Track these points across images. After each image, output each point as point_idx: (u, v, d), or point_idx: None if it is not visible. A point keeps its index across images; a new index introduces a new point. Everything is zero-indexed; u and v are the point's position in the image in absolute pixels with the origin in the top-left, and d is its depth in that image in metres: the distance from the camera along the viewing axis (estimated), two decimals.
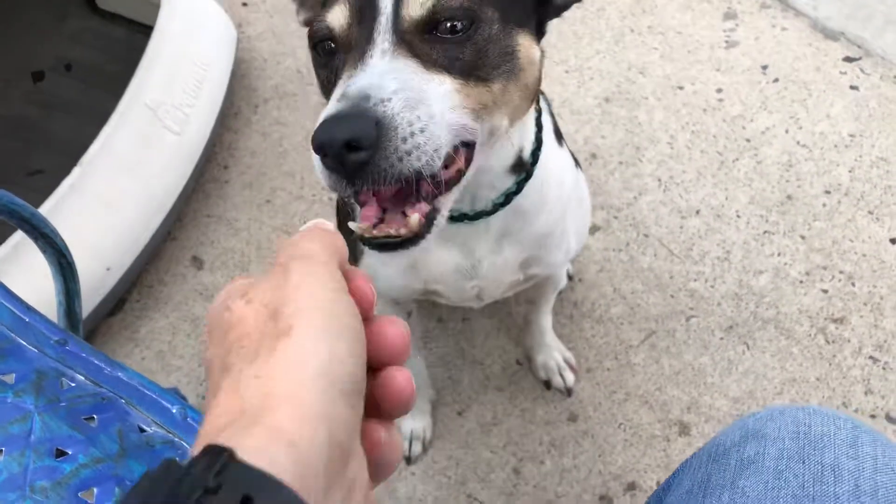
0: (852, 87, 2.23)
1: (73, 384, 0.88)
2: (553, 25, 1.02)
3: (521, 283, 1.32)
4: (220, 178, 2.14)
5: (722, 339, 1.86)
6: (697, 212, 2.03)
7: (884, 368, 1.81)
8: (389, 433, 0.51)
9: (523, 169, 1.04)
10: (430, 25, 0.82)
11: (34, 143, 2.16)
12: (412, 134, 0.74)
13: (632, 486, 1.69)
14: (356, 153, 0.72)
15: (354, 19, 0.83)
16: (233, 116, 2.25)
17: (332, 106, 0.75)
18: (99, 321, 1.87)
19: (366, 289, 0.53)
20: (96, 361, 0.92)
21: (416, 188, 0.79)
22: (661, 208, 2.04)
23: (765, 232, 2.00)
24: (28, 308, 0.94)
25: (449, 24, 0.82)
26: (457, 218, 1.05)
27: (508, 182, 1.04)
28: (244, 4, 2.49)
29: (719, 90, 2.24)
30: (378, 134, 0.72)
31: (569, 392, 1.79)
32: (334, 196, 2.00)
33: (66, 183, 1.74)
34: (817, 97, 2.22)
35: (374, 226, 0.81)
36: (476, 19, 0.83)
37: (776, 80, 2.26)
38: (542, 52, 0.94)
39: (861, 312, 1.88)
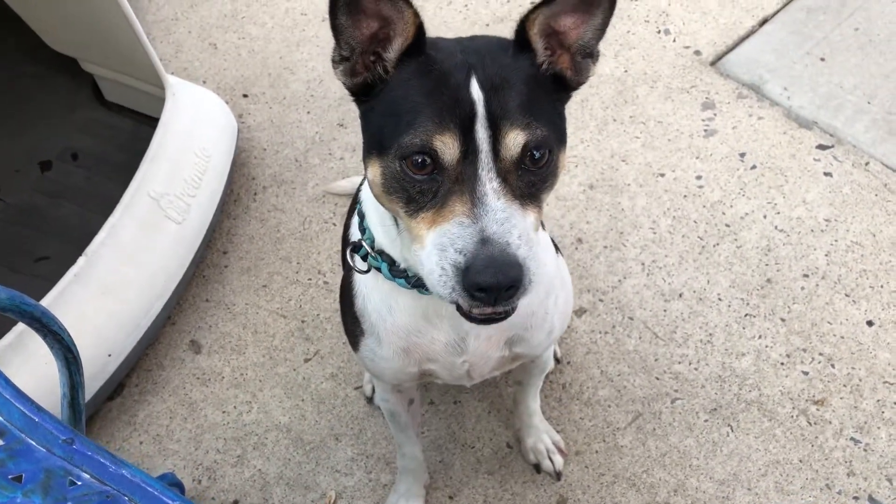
0: (826, 174, 2.33)
1: (79, 483, 0.93)
2: None
3: (509, 362, 1.41)
4: (220, 264, 2.21)
5: (706, 420, 1.90)
6: (680, 295, 2.10)
7: (865, 450, 1.85)
8: None
9: None
10: (521, 160, 1.00)
11: (41, 230, 2.24)
12: (536, 269, 0.97)
13: None
14: (509, 291, 0.95)
15: (461, 154, 0.98)
16: (232, 203, 2.34)
17: (475, 247, 0.95)
18: (99, 405, 1.91)
19: None
20: (101, 460, 0.97)
21: None
22: (645, 291, 2.11)
23: (746, 315, 2.07)
24: (38, 408, 0.99)
25: (532, 155, 1.00)
26: None
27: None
28: (244, 96, 2.61)
29: (699, 177, 2.34)
30: (522, 275, 0.95)
31: (558, 476, 1.82)
32: (339, 273, 2.07)
33: (72, 272, 1.81)
34: (793, 183, 2.32)
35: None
36: (550, 149, 1.02)
37: (754, 167, 2.36)
38: None
39: (841, 394, 1.93)
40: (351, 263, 1.23)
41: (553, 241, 1.43)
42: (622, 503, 1.80)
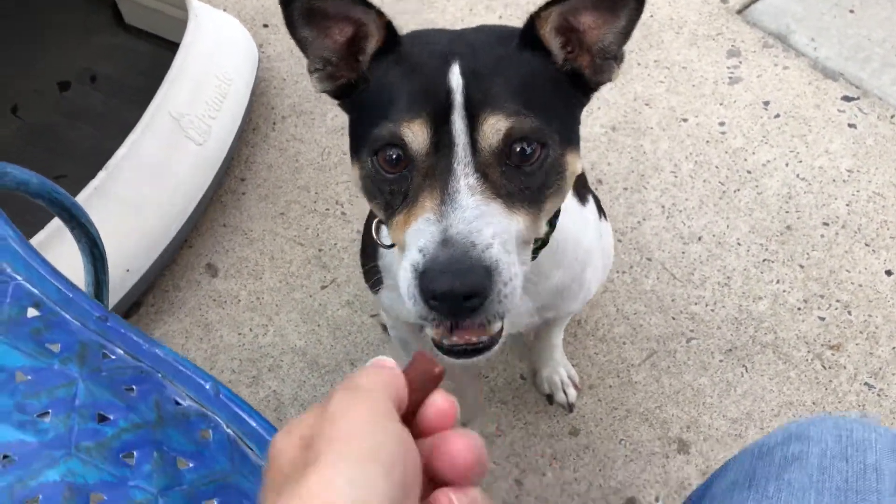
0: (850, 125, 2.31)
1: (113, 357, 0.93)
2: None
3: (538, 323, 1.37)
4: (237, 190, 2.20)
5: (721, 361, 1.91)
6: (699, 238, 2.10)
7: (878, 395, 1.85)
8: (466, 497, 0.51)
9: (538, 239, 1.04)
10: (505, 153, 0.86)
11: (58, 150, 2.22)
12: (511, 278, 0.81)
13: (631, 501, 1.73)
14: (471, 301, 0.79)
15: (433, 146, 0.85)
16: (251, 132, 2.32)
17: (435, 248, 0.80)
18: None
19: (443, 407, 0.55)
20: (135, 338, 0.97)
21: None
22: (664, 233, 2.10)
23: (764, 260, 2.06)
24: (72, 286, 0.99)
25: (520, 148, 0.86)
26: None
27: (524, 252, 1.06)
28: (265, 26, 2.58)
29: (722, 123, 2.32)
30: (491, 281, 0.79)
31: (570, 407, 1.83)
32: (365, 213, 2.06)
33: (92, 185, 1.80)
34: (817, 133, 2.30)
35: (451, 332, 0.87)
36: (545, 142, 0.87)
37: (777, 116, 2.34)
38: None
39: (857, 340, 1.93)
40: (375, 237, 1.15)
41: (599, 203, 1.32)
42: (634, 436, 1.80)
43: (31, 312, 0.93)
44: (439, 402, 0.55)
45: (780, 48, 2.50)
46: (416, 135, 0.86)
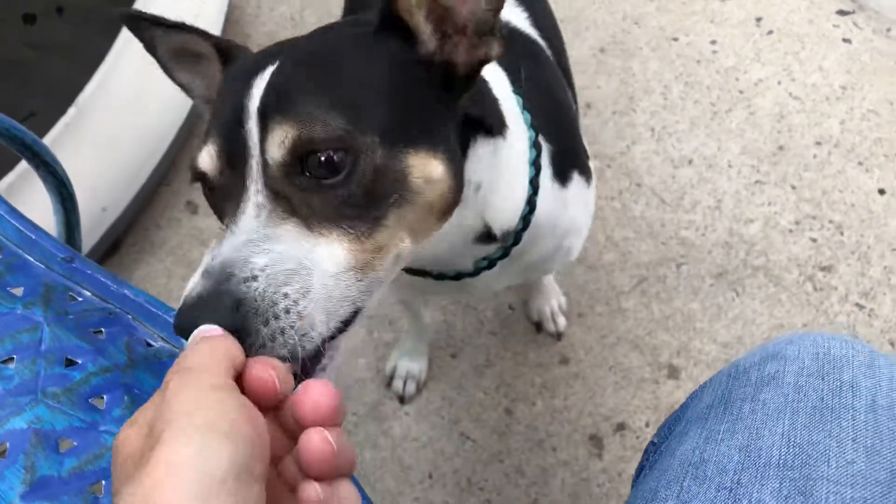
0: (845, 41, 2.24)
1: (80, 299, 0.90)
2: None
3: (520, 283, 1.32)
4: None
5: (712, 285, 1.89)
6: (690, 161, 2.05)
7: (869, 315, 1.84)
8: (331, 489, 0.52)
9: (495, 240, 0.95)
10: (298, 167, 0.70)
11: (27, 86, 2.14)
12: (276, 316, 0.65)
13: (621, 427, 1.73)
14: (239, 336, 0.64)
15: (225, 163, 0.73)
16: None
17: (195, 281, 0.67)
18: (96, 262, 1.88)
19: (263, 376, 0.55)
20: (102, 279, 0.93)
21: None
22: (653, 158, 2.06)
23: (756, 182, 2.02)
24: (34, 226, 0.95)
25: (319, 159, 0.70)
26: (455, 277, 1.01)
27: (489, 249, 0.96)
28: None
29: (713, 42, 2.25)
30: (241, 317, 0.64)
31: (559, 336, 1.82)
32: None
33: (62, 122, 1.74)
34: (810, 50, 2.23)
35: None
36: (352, 149, 0.70)
37: (770, 33, 2.26)
38: (449, 160, 0.77)
39: (849, 261, 1.91)
40: None
41: (589, 168, 1.18)
42: (624, 363, 1.80)
43: None
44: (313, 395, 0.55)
45: None
46: (206, 157, 0.74)
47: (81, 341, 0.85)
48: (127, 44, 1.84)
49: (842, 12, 2.29)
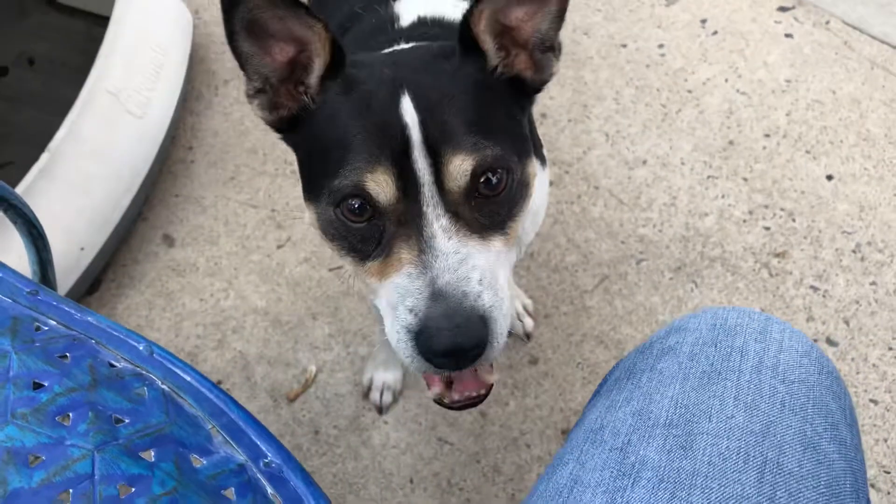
0: (787, 35, 2.33)
1: (45, 328, 0.97)
2: None
3: None
4: (186, 159, 2.22)
5: (671, 279, 1.96)
6: (644, 162, 2.13)
7: (823, 296, 1.91)
8: None
9: None
10: (472, 189, 0.84)
11: (2, 136, 2.22)
12: (503, 319, 0.82)
13: None
14: (473, 351, 0.79)
15: (401, 192, 0.83)
16: (194, 99, 2.32)
17: (426, 305, 0.78)
18: (77, 300, 1.95)
19: None
20: (67, 308, 1.00)
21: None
22: (609, 161, 2.14)
23: (709, 177, 2.10)
24: (0, 264, 1.02)
25: (486, 180, 0.84)
26: None
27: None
28: None
29: (661, 46, 2.34)
30: (487, 330, 0.79)
31: (528, 337, 1.89)
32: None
33: (36, 168, 1.81)
34: (754, 46, 2.32)
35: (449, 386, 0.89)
36: (508, 168, 0.86)
37: (715, 33, 2.35)
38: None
39: (801, 246, 1.99)
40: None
41: (542, 152, 1.34)
42: (591, 359, 1.87)
43: None
44: None
45: None
46: (381, 184, 0.83)
47: (47, 366, 0.92)
48: (93, 90, 1.91)
49: (783, 8, 2.38)
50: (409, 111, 0.84)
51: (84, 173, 1.89)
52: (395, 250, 0.85)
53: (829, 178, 2.08)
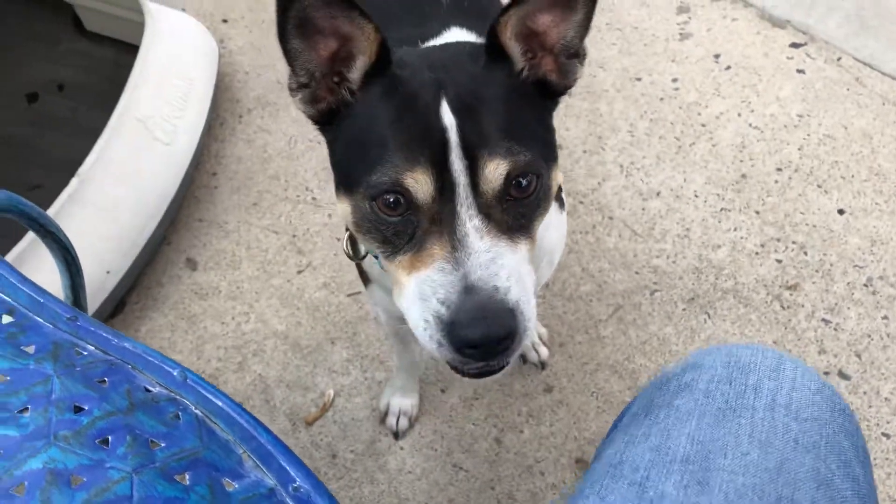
0: (799, 71, 2.37)
1: (85, 353, 1.01)
2: None
3: None
4: (210, 185, 2.27)
5: (684, 310, 1.99)
6: (658, 194, 2.17)
7: (835, 329, 1.94)
8: None
9: None
10: (505, 192, 0.89)
11: (31, 160, 2.28)
12: (531, 315, 0.87)
13: None
14: (503, 343, 0.84)
15: (438, 191, 0.87)
16: (218, 126, 2.38)
17: (458, 298, 0.84)
18: (102, 321, 1.99)
19: None
20: (105, 334, 1.04)
21: None
22: (623, 192, 2.18)
23: (721, 209, 2.14)
24: (42, 291, 1.06)
25: (517, 183, 0.89)
26: None
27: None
28: (224, 21, 2.63)
29: (675, 80, 2.38)
30: (516, 321, 0.84)
31: (543, 365, 1.92)
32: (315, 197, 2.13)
33: (66, 193, 1.86)
34: (767, 81, 2.36)
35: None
36: (539, 173, 0.91)
37: (728, 68, 2.40)
38: None
39: (813, 279, 2.01)
40: (346, 250, 1.19)
41: (562, 196, 1.39)
42: (605, 388, 1.89)
43: (6, 319, 1.01)
44: None
45: (729, 0, 2.55)
46: (420, 183, 0.87)
47: (87, 390, 0.96)
48: (122, 117, 1.97)
49: (795, 45, 2.43)
50: (447, 115, 0.88)
51: (112, 198, 1.94)
52: (428, 246, 0.89)
53: (841, 212, 2.11)
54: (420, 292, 0.89)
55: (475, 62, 0.96)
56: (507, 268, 0.87)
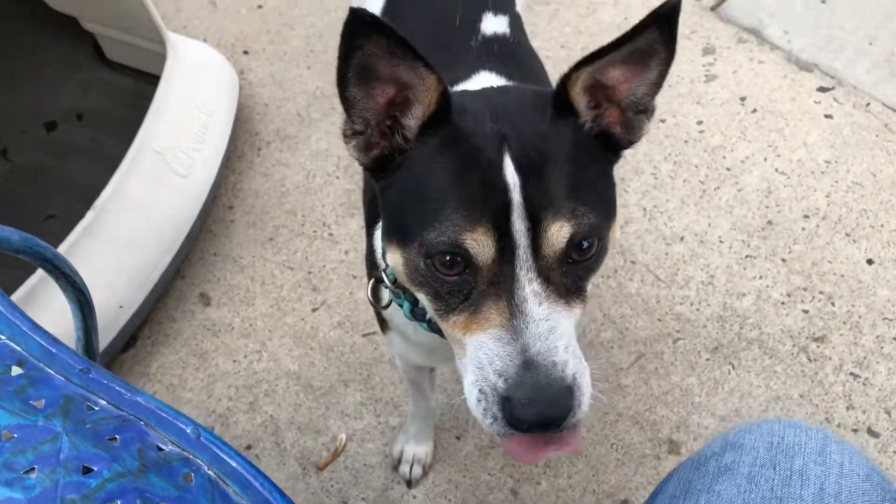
0: (827, 116, 2.33)
1: (96, 408, 0.97)
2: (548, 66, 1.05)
3: None
4: (226, 218, 2.24)
5: (708, 359, 1.94)
6: (682, 238, 2.12)
7: (864, 384, 1.88)
8: None
9: None
10: (567, 255, 0.85)
11: (48, 189, 2.26)
12: (587, 389, 0.85)
13: (624, 503, 1.76)
14: (559, 420, 0.82)
15: (498, 252, 0.84)
16: (236, 159, 2.36)
17: (517, 372, 0.81)
18: (113, 357, 1.96)
19: None
20: (117, 388, 1.00)
21: None
22: (646, 236, 2.13)
23: (747, 256, 2.09)
24: (54, 340, 1.02)
25: (582, 247, 0.86)
26: None
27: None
28: (245, 52, 2.61)
29: (700, 122, 2.35)
30: (574, 399, 0.82)
31: None
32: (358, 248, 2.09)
33: (81, 226, 1.84)
34: (794, 126, 2.32)
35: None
36: (600, 235, 0.88)
37: (754, 111, 2.36)
38: None
39: (841, 331, 1.96)
40: (370, 300, 1.15)
41: None
42: (625, 440, 1.84)
43: (16, 370, 0.97)
44: None
45: (755, 43, 2.52)
46: (480, 244, 0.84)
47: (97, 449, 0.91)
48: (140, 149, 1.95)
49: (822, 89, 2.39)
50: (510, 173, 0.85)
51: (127, 231, 1.91)
52: (485, 309, 0.86)
53: (870, 262, 2.06)
54: (476, 358, 0.86)
55: (540, 114, 0.92)
56: (564, 338, 0.84)
